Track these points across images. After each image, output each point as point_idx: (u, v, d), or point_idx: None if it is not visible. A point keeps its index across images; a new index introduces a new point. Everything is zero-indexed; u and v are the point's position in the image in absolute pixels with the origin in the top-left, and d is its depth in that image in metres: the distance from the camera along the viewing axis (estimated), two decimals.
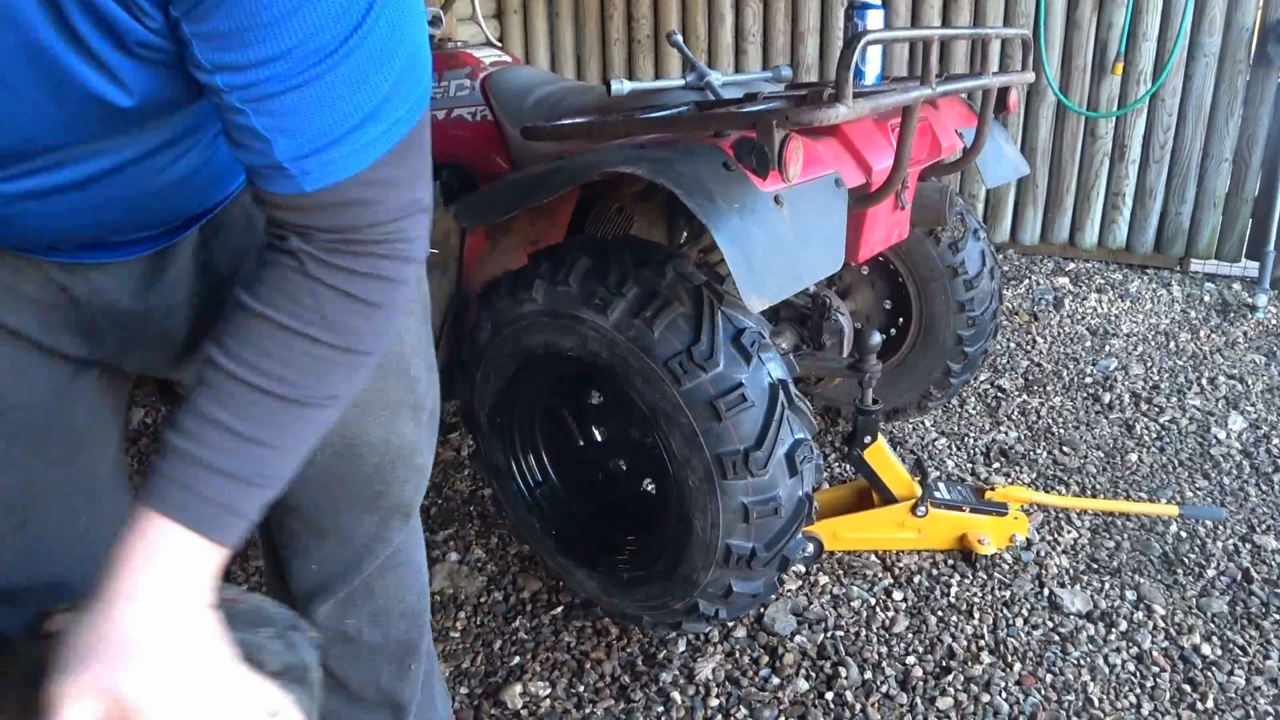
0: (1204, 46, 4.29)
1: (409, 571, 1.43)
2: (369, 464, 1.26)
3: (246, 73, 0.72)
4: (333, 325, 0.84)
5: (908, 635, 2.10)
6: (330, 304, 0.83)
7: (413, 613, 1.45)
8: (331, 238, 0.82)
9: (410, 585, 1.43)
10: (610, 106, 2.24)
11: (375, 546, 1.35)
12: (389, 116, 0.79)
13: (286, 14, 0.70)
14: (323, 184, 0.78)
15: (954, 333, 2.65)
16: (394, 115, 0.80)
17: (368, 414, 1.23)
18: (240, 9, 0.69)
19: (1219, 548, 2.40)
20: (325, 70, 0.73)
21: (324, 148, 0.77)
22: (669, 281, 1.69)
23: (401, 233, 0.86)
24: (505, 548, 2.41)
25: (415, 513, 1.39)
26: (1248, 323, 3.91)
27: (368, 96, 0.77)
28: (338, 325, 0.84)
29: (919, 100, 1.70)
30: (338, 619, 1.38)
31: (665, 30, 4.96)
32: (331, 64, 0.73)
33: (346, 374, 0.88)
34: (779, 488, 1.69)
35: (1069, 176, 4.64)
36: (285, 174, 0.77)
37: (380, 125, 0.79)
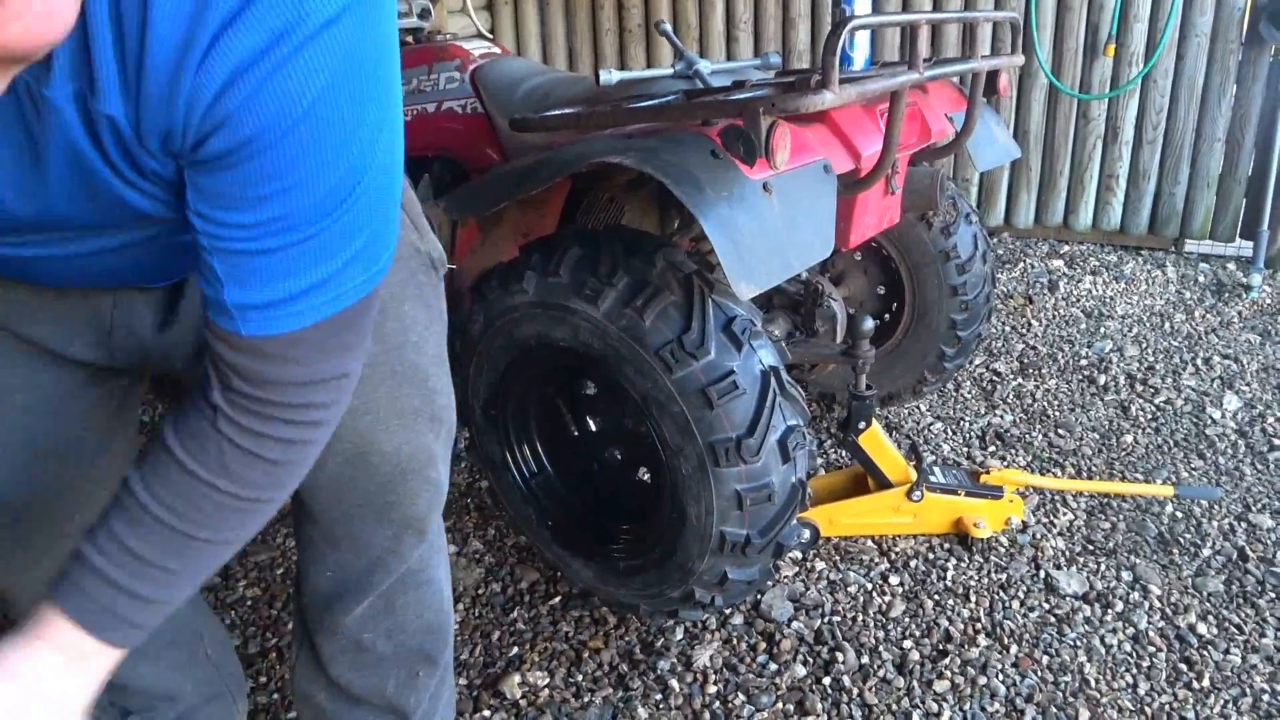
0: (1196, 26, 4.28)
1: (430, 590, 1.42)
2: (381, 473, 1.25)
3: (220, 227, 0.78)
4: (235, 477, 0.89)
5: (904, 619, 2.11)
6: (234, 458, 0.88)
7: (431, 629, 1.44)
8: (248, 394, 0.86)
9: (430, 603, 1.43)
10: (600, 96, 2.24)
11: (388, 560, 1.34)
12: (338, 287, 0.84)
13: (271, 196, 0.76)
14: (259, 333, 0.83)
15: (947, 317, 2.65)
16: (343, 287, 0.85)
17: (380, 423, 1.23)
18: (232, 180, 0.75)
19: (1214, 527, 2.41)
20: (291, 245, 0.79)
21: (270, 304, 0.82)
22: (659, 270, 1.69)
23: (316, 398, 0.90)
24: (502, 539, 2.41)
25: (431, 529, 1.38)
26: (1242, 302, 3.91)
27: (324, 269, 0.82)
28: (239, 477, 0.89)
29: (906, 85, 1.70)
30: (355, 630, 1.39)
31: (656, 19, 4.95)
32: (298, 240, 0.79)
33: (243, 519, 0.93)
34: (772, 475, 1.69)
35: (1062, 159, 4.64)
36: (228, 314, 0.82)
37: (327, 294, 0.84)
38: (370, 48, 0.76)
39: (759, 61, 2.55)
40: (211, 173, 0.76)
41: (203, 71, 0.70)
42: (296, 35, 0.70)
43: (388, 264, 0.90)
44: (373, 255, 0.87)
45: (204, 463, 0.88)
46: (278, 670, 2.00)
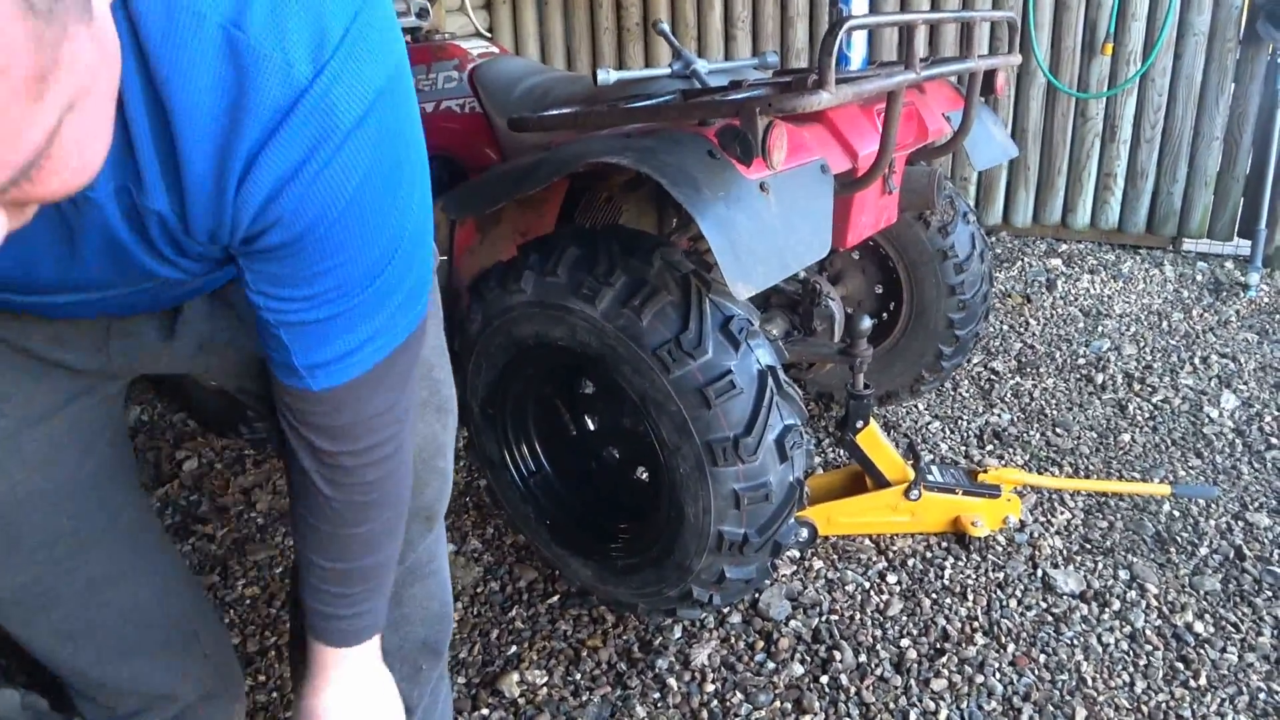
0: (1193, 25, 4.28)
1: (435, 582, 1.44)
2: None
3: (282, 303, 0.88)
4: (355, 523, 1.08)
5: (902, 618, 2.12)
6: (344, 507, 1.06)
7: (435, 620, 1.45)
8: (331, 450, 1.01)
9: (435, 594, 1.45)
10: (597, 96, 2.24)
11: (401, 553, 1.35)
12: (389, 333, 0.95)
13: (326, 272, 0.85)
14: (327, 385, 0.94)
15: (945, 316, 2.65)
16: (394, 331, 0.95)
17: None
18: (290, 264, 0.84)
19: (1211, 526, 2.41)
20: (345, 309, 0.89)
21: (334, 360, 0.93)
22: (657, 270, 1.70)
23: (386, 430, 1.03)
24: (501, 538, 2.42)
25: (439, 520, 1.40)
26: (1240, 301, 3.92)
27: (376, 322, 0.92)
28: (358, 521, 1.08)
29: (903, 85, 1.71)
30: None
31: (654, 18, 4.95)
32: (353, 304, 0.89)
33: (384, 540, 1.13)
34: (769, 474, 1.69)
35: (1060, 158, 4.64)
36: (298, 374, 0.93)
37: (381, 340, 0.95)
38: (397, 128, 0.83)
39: (756, 61, 2.55)
40: (267, 262, 0.84)
41: (244, 190, 0.75)
42: (330, 143, 0.75)
43: (426, 303, 1.00)
44: (416, 298, 0.97)
45: (330, 519, 1.07)
46: (277, 669, 2.01)
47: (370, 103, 0.76)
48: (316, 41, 0.72)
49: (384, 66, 0.78)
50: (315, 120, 0.73)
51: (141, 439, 2.97)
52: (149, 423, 3.07)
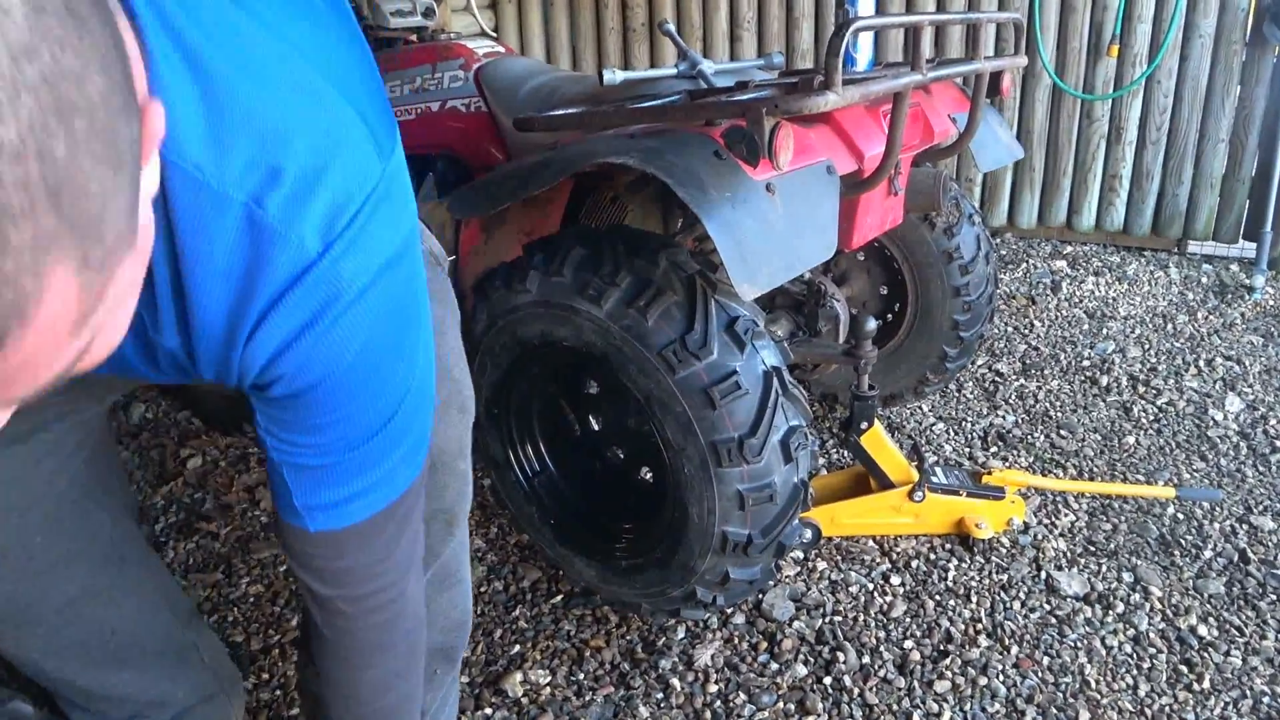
0: (1199, 27, 4.28)
1: (460, 591, 1.45)
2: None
3: (288, 445, 0.91)
4: (368, 665, 1.10)
5: (905, 619, 2.11)
6: (358, 655, 1.09)
7: (455, 626, 1.46)
8: (331, 596, 1.03)
9: (458, 603, 1.45)
10: (603, 96, 2.24)
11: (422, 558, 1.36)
12: (388, 485, 0.98)
13: (330, 424, 0.89)
14: (325, 528, 0.96)
15: (950, 318, 2.65)
16: (393, 484, 0.98)
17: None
18: (296, 413, 0.88)
19: (1216, 529, 2.41)
20: (346, 459, 0.92)
21: (333, 504, 0.95)
22: (662, 271, 1.70)
23: (387, 577, 1.05)
24: (505, 537, 2.42)
25: (461, 523, 1.41)
26: (1245, 304, 3.91)
27: (377, 473, 0.95)
28: (370, 663, 1.10)
29: (910, 86, 1.70)
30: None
31: (659, 18, 4.95)
32: (356, 454, 0.92)
33: (395, 679, 1.14)
34: (774, 474, 1.69)
35: (1065, 159, 4.64)
36: (297, 514, 0.95)
37: (379, 491, 0.97)
38: (402, 295, 0.88)
39: (762, 61, 2.55)
40: (273, 407, 0.88)
41: (251, 345, 0.79)
42: (336, 307, 0.79)
43: (423, 461, 1.03)
44: (416, 453, 1.00)
45: (338, 662, 1.09)
46: (280, 667, 2.01)
47: (376, 273, 0.81)
48: (329, 220, 0.77)
49: (393, 239, 0.83)
50: (322, 288, 0.78)
51: (145, 437, 2.98)
52: (153, 420, 3.07)
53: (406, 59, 2.64)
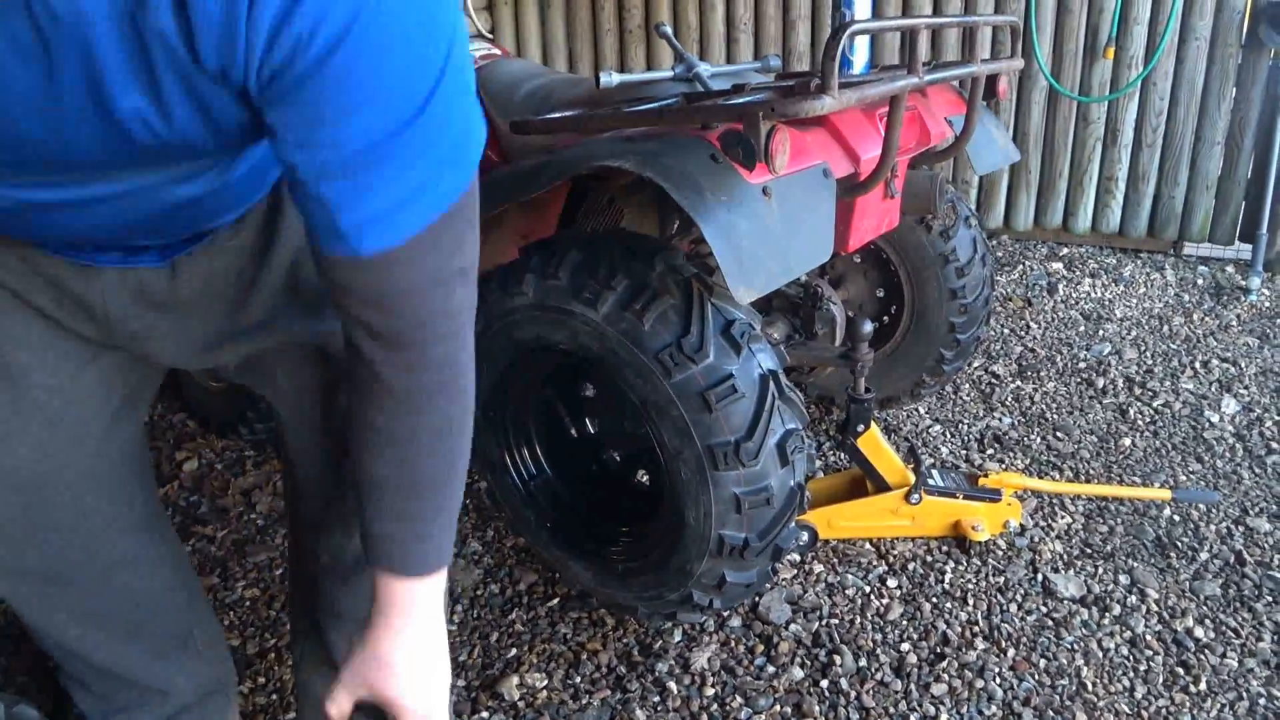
0: (1195, 30, 4.28)
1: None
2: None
3: (317, 150, 0.81)
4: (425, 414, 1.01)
5: (902, 622, 2.11)
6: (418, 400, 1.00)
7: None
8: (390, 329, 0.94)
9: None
10: (600, 99, 2.24)
11: None
12: (435, 189, 0.88)
13: (358, 106, 0.79)
14: (378, 247, 0.87)
15: (946, 320, 2.65)
16: (440, 188, 0.88)
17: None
18: (322, 96, 0.77)
19: (1212, 531, 2.41)
20: (385, 146, 0.82)
21: (380, 214, 0.86)
22: (659, 274, 1.69)
23: (449, 303, 0.96)
24: (501, 540, 2.42)
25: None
26: (1241, 305, 3.92)
27: (420, 171, 0.85)
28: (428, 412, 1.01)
29: (906, 89, 1.70)
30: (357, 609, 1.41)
31: (656, 20, 4.95)
32: (391, 142, 0.82)
33: (453, 448, 1.06)
34: (771, 478, 1.69)
35: (1062, 161, 4.64)
36: (345, 238, 0.86)
37: (428, 196, 0.88)
38: None
39: (759, 64, 2.55)
40: (293, 104, 0.78)
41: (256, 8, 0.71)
42: None
43: (476, 163, 0.92)
44: (461, 156, 0.90)
45: (396, 410, 0.99)
46: (276, 671, 2.01)
47: None
48: None
49: None
50: None
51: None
52: (149, 423, 3.07)
53: None
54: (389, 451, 1.02)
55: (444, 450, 1.05)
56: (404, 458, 1.03)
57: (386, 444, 1.02)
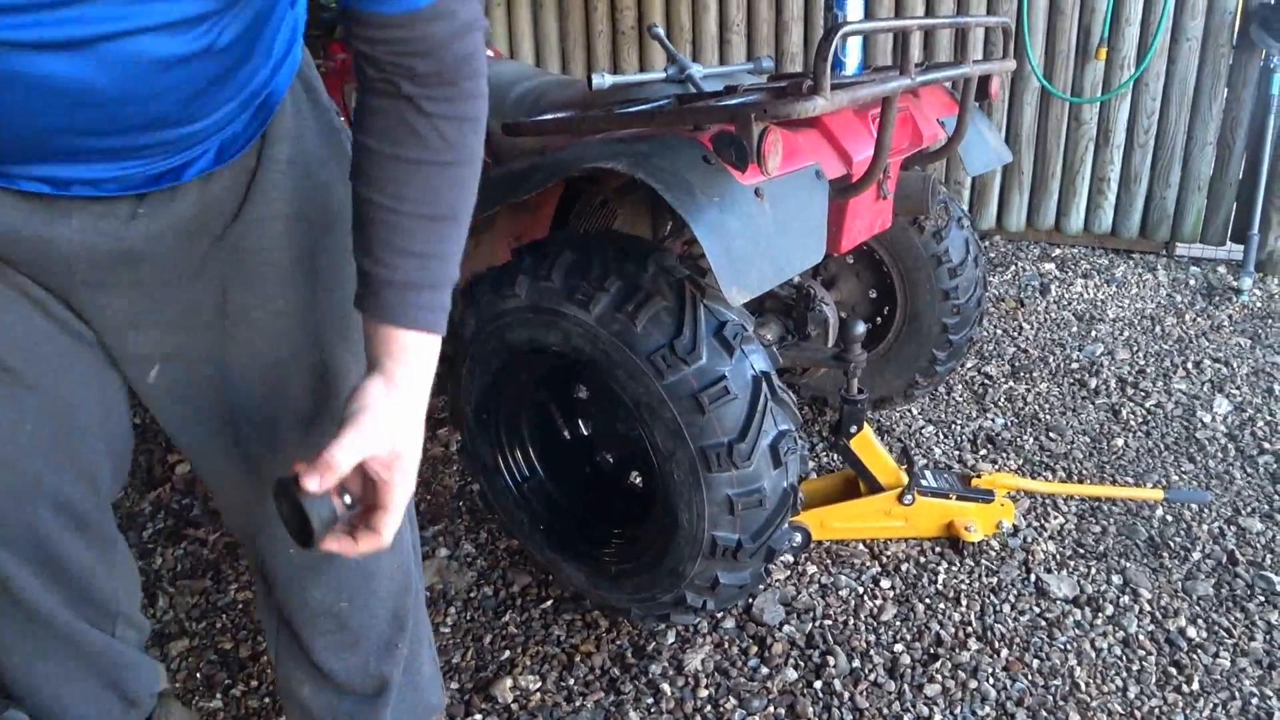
0: (1187, 30, 4.29)
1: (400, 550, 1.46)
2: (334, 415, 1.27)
3: None
4: (455, 147, 1.05)
5: (895, 623, 2.12)
6: (449, 129, 1.04)
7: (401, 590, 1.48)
8: (431, 71, 1.01)
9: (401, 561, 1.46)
10: (592, 100, 2.24)
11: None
12: None
13: None
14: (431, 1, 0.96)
15: (939, 321, 2.65)
16: None
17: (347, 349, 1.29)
18: None
19: (1204, 531, 2.41)
20: None
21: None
22: (651, 275, 1.69)
23: (474, 48, 1.03)
24: (494, 542, 2.41)
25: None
26: (1233, 306, 3.93)
27: None
28: (457, 144, 1.05)
29: (898, 91, 1.71)
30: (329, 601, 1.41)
31: (649, 21, 4.95)
32: None
33: (472, 185, 1.10)
34: (763, 479, 1.69)
35: (1054, 162, 4.65)
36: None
37: None
38: None
39: (751, 66, 2.55)
40: None
41: None
42: None
43: None
44: None
45: (429, 147, 1.03)
46: (269, 674, 2.00)
47: None
48: None
49: None
50: None
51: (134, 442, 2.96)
52: (141, 426, 3.05)
53: None
54: (409, 188, 1.05)
55: (454, 199, 1.08)
56: (421, 196, 1.05)
57: (410, 181, 1.05)
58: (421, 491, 2.66)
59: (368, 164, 1.05)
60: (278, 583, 1.42)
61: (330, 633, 1.44)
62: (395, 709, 1.55)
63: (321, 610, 1.42)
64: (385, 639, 1.48)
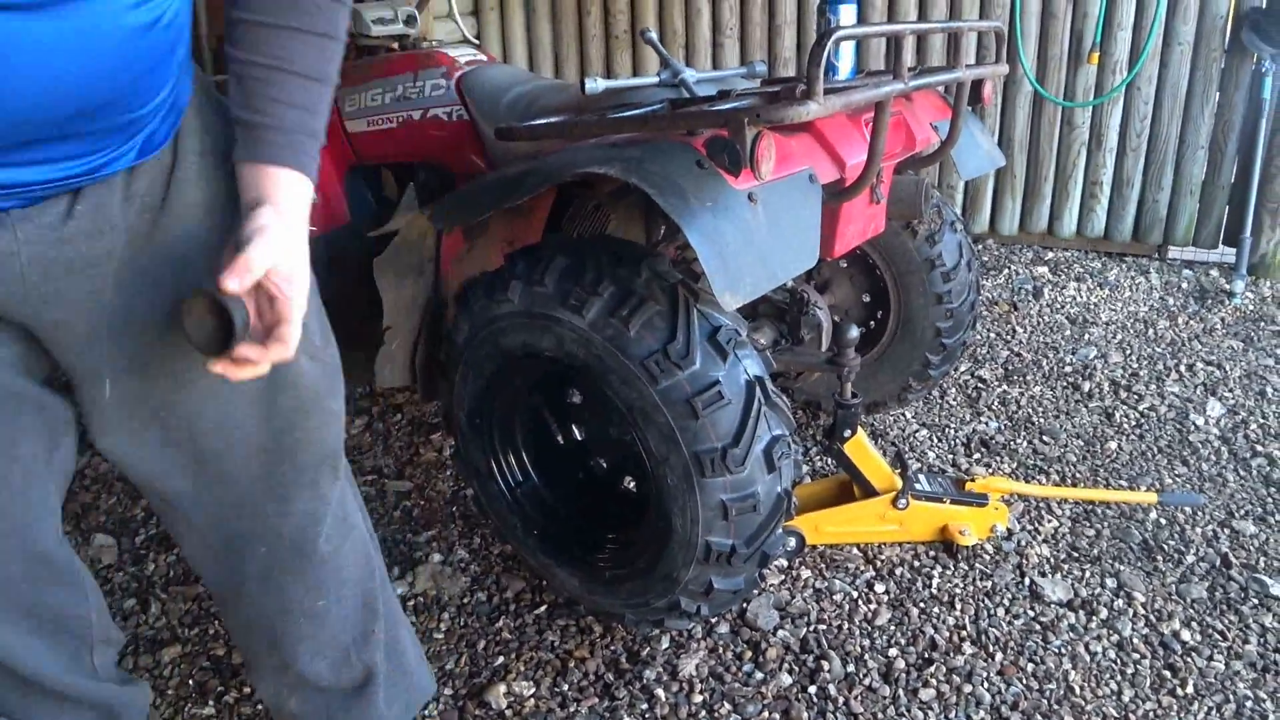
0: (1179, 34, 4.31)
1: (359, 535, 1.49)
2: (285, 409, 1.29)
3: None
4: (330, 22, 1.13)
5: (890, 627, 2.11)
6: (326, 4, 1.12)
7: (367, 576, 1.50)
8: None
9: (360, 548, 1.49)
10: (585, 105, 2.24)
11: (317, 508, 1.38)
12: None
13: None
14: None
15: (932, 325, 2.66)
16: None
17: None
18: None
19: (1198, 534, 2.42)
20: None
21: None
22: (644, 280, 1.69)
23: None
24: (488, 548, 2.41)
25: (342, 465, 1.43)
26: (1225, 309, 3.93)
27: None
28: (332, 19, 1.13)
29: (891, 95, 1.71)
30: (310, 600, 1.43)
31: (642, 26, 4.95)
32: None
33: (337, 61, 1.16)
34: (757, 484, 1.69)
35: (1047, 166, 4.66)
36: None
37: None
38: None
39: (744, 70, 2.55)
40: None
41: None
42: None
43: None
44: None
45: (308, 16, 1.11)
46: None
47: None
48: None
49: None
50: None
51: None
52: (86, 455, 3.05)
53: (388, 67, 2.63)
54: (299, 44, 1.12)
55: (336, 55, 1.15)
56: (312, 54, 1.13)
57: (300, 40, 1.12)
58: (415, 497, 2.66)
59: (249, 33, 1.12)
60: (254, 594, 1.42)
61: (310, 637, 1.45)
62: (387, 695, 1.57)
63: (301, 612, 1.43)
64: (361, 628, 1.51)
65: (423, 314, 2.18)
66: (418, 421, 3.07)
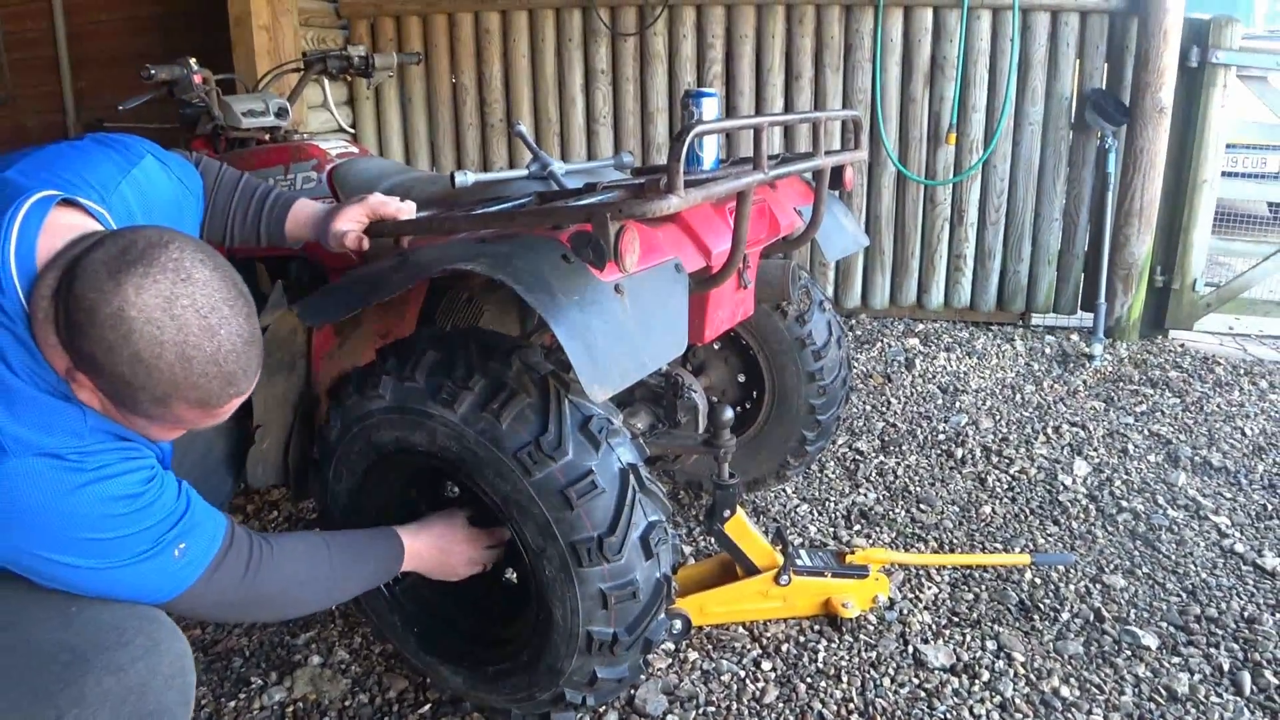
0: (1029, 115, 4.56)
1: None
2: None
3: None
4: None
5: (778, 705, 2.12)
6: None
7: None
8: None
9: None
10: (456, 198, 2.25)
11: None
12: None
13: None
14: None
15: (807, 402, 2.71)
16: None
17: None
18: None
19: (1071, 591, 2.49)
20: None
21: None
22: (515, 372, 1.70)
23: None
24: (369, 647, 2.35)
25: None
26: (1086, 371, 4.11)
27: None
28: None
29: (752, 185, 1.76)
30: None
31: (516, 115, 5.01)
32: None
33: None
34: (635, 571, 1.69)
35: (913, 241, 4.84)
36: None
37: None
38: None
39: (614, 160, 2.60)
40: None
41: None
42: None
43: None
44: None
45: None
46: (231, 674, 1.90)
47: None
48: None
49: None
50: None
51: None
52: None
53: (259, 159, 2.61)
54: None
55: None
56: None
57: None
58: None
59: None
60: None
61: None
62: None
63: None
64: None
65: (294, 411, 2.14)
66: (294, 519, 3.00)
